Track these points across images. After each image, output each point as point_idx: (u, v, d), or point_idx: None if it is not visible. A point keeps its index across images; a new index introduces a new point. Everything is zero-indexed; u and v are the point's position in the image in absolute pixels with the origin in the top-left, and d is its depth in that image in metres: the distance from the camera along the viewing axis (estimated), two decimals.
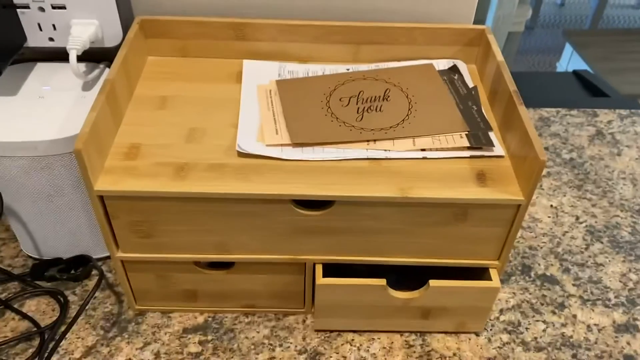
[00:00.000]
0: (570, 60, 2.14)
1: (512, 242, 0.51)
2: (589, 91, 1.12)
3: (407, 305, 0.54)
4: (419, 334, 0.58)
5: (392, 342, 0.57)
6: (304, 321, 0.58)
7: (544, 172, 0.76)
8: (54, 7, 0.57)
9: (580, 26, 2.93)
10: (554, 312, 0.60)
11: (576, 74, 1.21)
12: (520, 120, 0.48)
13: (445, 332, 0.58)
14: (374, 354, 0.56)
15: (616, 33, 2.16)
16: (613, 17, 3.00)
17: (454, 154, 0.51)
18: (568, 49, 2.20)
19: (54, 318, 0.57)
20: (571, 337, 0.58)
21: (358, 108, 0.55)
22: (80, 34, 0.55)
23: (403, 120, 0.53)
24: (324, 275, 0.53)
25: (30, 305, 0.59)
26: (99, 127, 0.47)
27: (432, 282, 0.52)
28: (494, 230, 0.50)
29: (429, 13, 0.64)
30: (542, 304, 0.61)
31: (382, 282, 0.52)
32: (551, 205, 0.72)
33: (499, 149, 0.51)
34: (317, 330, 0.57)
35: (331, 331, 0.57)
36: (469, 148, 0.51)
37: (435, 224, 0.50)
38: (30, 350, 0.55)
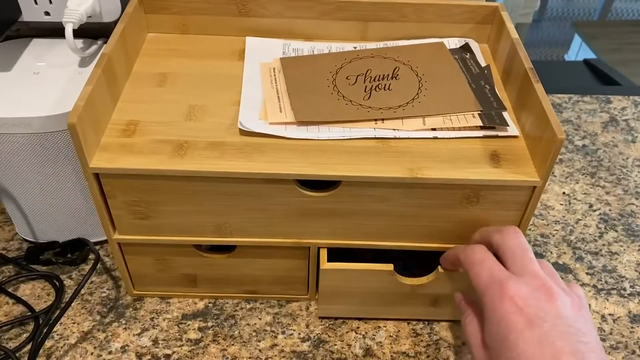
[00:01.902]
0: (579, 52, 2.11)
1: (526, 227, 0.49)
2: (600, 80, 1.10)
3: (415, 292, 0.52)
4: (426, 322, 0.55)
5: (399, 331, 0.55)
6: (307, 308, 0.56)
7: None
8: None
9: (588, 19, 2.89)
10: None
11: (587, 62, 1.18)
12: (537, 98, 0.46)
13: (454, 321, 0.56)
14: (380, 342, 0.54)
15: (626, 24, 2.13)
16: (622, 10, 2.96)
17: (466, 133, 0.49)
18: (577, 40, 2.17)
19: (49, 302, 0.56)
20: None
21: (366, 87, 0.52)
22: (76, 6, 0.53)
23: (413, 99, 0.51)
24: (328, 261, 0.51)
25: (25, 289, 0.57)
26: (94, 101, 0.45)
27: (441, 268, 0.50)
28: (508, 213, 0.48)
29: None
30: None
31: (389, 267, 0.50)
32: (564, 193, 0.70)
33: (513, 129, 0.49)
34: (321, 317, 0.55)
35: (335, 318, 0.55)
36: (481, 128, 0.49)
37: (445, 207, 0.48)
38: (25, 335, 0.53)
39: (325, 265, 0.50)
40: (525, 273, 0.40)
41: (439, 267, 0.50)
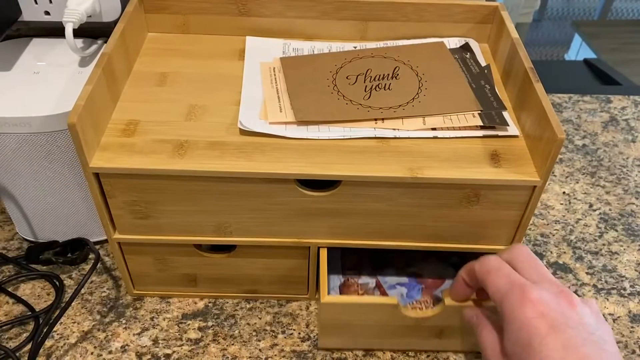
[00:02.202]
0: (579, 52, 2.11)
1: (525, 226, 0.49)
2: (600, 79, 1.10)
3: (419, 324, 0.49)
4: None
5: None
6: (307, 307, 0.56)
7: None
8: None
9: (588, 19, 2.89)
10: None
11: (587, 62, 1.18)
12: (537, 97, 0.46)
13: (460, 352, 0.53)
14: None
15: (626, 24, 2.13)
16: (622, 10, 2.96)
17: (466, 133, 0.49)
18: (577, 40, 2.17)
19: (49, 302, 0.56)
20: None
21: (366, 86, 0.52)
22: (76, 6, 0.53)
23: (413, 98, 0.51)
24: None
25: (25, 289, 0.57)
26: (94, 101, 0.45)
27: (447, 301, 0.47)
28: (508, 213, 0.48)
29: None
30: None
31: (394, 300, 0.47)
32: (563, 192, 0.70)
33: (513, 129, 0.49)
34: (322, 349, 0.53)
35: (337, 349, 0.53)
36: (482, 127, 0.49)
37: (445, 207, 0.48)
38: (25, 335, 0.53)
39: (325, 298, 0.47)
40: (542, 280, 0.39)
41: (445, 299, 0.47)
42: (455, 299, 0.47)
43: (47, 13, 0.56)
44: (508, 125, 0.49)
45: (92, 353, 0.52)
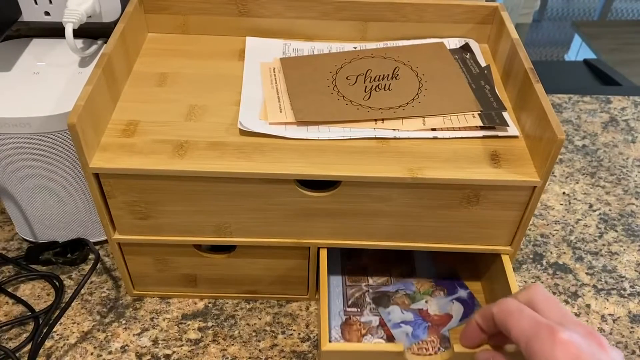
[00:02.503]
0: (579, 52, 2.11)
1: (525, 227, 0.49)
2: (600, 80, 1.10)
3: None
4: None
5: None
6: (307, 308, 0.56)
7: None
8: None
9: (588, 19, 2.89)
10: (567, 302, 0.58)
11: (587, 62, 1.18)
12: (537, 98, 0.46)
13: None
14: None
15: (626, 24, 2.13)
16: (622, 10, 2.95)
17: (466, 133, 0.49)
18: (577, 40, 2.17)
19: (49, 302, 0.56)
20: None
21: (366, 87, 0.52)
22: (76, 6, 0.53)
23: (413, 99, 0.51)
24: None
25: (25, 289, 0.57)
26: (94, 101, 0.45)
27: (457, 347, 0.44)
28: (508, 213, 0.48)
29: None
30: (554, 293, 0.59)
31: (400, 347, 0.44)
32: (563, 193, 0.70)
33: (513, 129, 0.49)
34: None
35: None
36: (481, 128, 0.49)
37: (445, 207, 0.48)
38: (24, 335, 0.53)
39: (325, 346, 0.44)
40: (567, 321, 0.37)
41: (455, 345, 0.45)
42: (467, 344, 0.44)
43: (47, 13, 0.56)
44: (508, 126, 0.49)
45: (91, 353, 0.52)
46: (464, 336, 0.44)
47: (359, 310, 0.54)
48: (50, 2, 0.56)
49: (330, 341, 0.46)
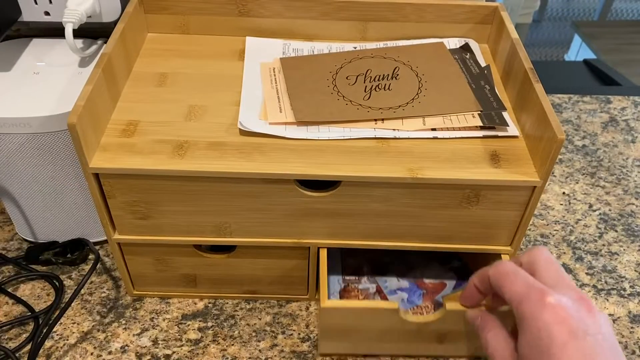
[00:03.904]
0: (578, 52, 2.11)
1: (525, 227, 0.49)
2: (600, 80, 1.10)
3: (420, 329, 0.49)
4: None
5: None
6: (307, 308, 0.56)
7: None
8: None
9: (588, 19, 2.89)
10: None
11: (587, 62, 1.18)
12: (537, 98, 0.46)
13: (464, 357, 0.53)
14: None
15: (626, 24, 2.13)
16: (622, 10, 2.96)
17: (466, 133, 0.49)
18: (577, 41, 2.17)
19: (49, 303, 0.56)
20: None
21: (366, 87, 0.52)
22: (76, 6, 0.53)
23: (413, 99, 0.51)
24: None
25: (25, 290, 0.57)
26: (94, 101, 0.45)
27: (449, 305, 0.47)
28: (508, 213, 0.48)
29: None
30: None
31: (394, 305, 0.47)
32: (563, 193, 0.70)
33: (513, 129, 0.49)
34: (323, 355, 0.52)
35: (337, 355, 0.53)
36: (481, 128, 0.49)
37: (446, 207, 0.48)
38: (24, 335, 0.53)
39: (325, 303, 0.47)
40: (560, 285, 0.38)
41: (447, 303, 0.47)
42: (466, 304, 0.46)
43: (47, 13, 0.56)
44: (508, 126, 0.49)
45: (91, 353, 0.52)
46: (463, 297, 0.46)
47: (357, 278, 0.56)
48: (50, 2, 0.56)
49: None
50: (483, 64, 0.56)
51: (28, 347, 0.52)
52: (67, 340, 0.53)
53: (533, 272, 0.40)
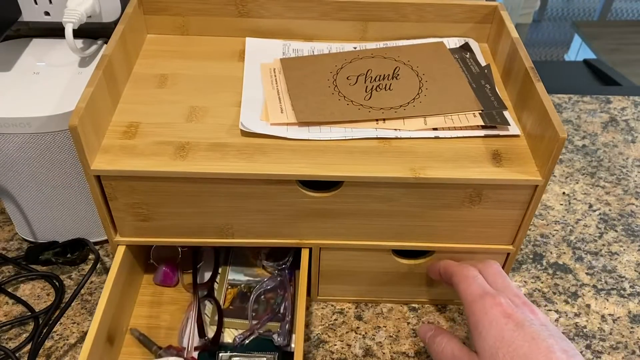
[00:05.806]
0: (579, 52, 2.11)
1: (527, 226, 0.49)
2: (600, 80, 1.10)
3: (412, 271, 0.53)
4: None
5: (399, 331, 0.55)
6: (307, 308, 0.56)
7: None
8: None
9: (588, 19, 2.89)
10: (566, 302, 0.58)
11: (587, 62, 1.18)
12: (538, 97, 0.46)
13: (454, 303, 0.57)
14: (380, 342, 0.54)
15: (626, 24, 2.13)
16: (622, 10, 2.96)
17: (467, 133, 0.49)
18: (577, 41, 2.17)
19: (49, 303, 0.55)
20: (585, 327, 0.56)
21: (366, 87, 0.52)
22: (76, 6, 0.53)
23: (414, 99, 0.51)
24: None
25: (25, 289, 0.57)
26: (95, 103, 0.45)
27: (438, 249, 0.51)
28: (509, 212, 0.48)
29: None
30: (554, 293, 0.59)
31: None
32: (563, 193, 0.70)
33: (514, 128, 0.49)
34: (321, 300, 0.56)
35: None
36: (483, 127, 0.49)
37: (448, 206, 0.48)
38: (24, 335, 0.53)
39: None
40: (507, 291, 0.44)
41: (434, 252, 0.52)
42: (428, 273, 0.53)
43: (47, 13, 0.56)
44: (509, 125, 0.49)
45: None
46: (429, 269, 0.53)
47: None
48: (50, 2, 0.55)
49: None
50: (483, 64, 0.56)
51: (28, 347, 0.52)
52: (67, 340, 0.53)
53: (484, 279, 0.46)
